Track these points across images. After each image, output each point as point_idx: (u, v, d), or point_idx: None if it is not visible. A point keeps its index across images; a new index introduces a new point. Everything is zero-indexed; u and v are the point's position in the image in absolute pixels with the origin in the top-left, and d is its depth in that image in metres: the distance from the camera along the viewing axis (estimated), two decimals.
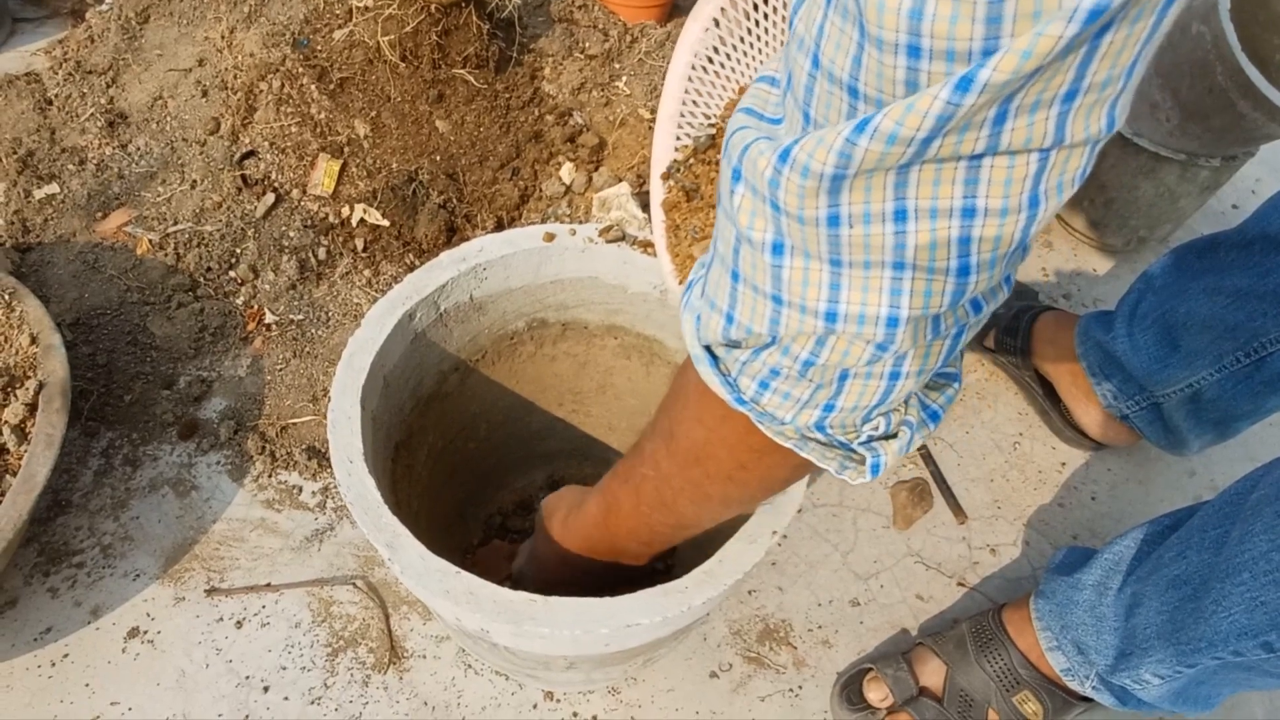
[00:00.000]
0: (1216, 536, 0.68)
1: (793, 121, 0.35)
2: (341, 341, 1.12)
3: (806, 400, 0.41)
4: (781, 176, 0.33)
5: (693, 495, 0.55)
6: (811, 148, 0.32)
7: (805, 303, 0.37)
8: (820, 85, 0.32)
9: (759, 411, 0.43)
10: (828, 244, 0.34)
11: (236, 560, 0.95)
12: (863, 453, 0.44)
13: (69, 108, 1.32)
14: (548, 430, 0.95)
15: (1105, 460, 1.11)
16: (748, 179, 0.36)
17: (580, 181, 1.29)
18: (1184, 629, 0.67)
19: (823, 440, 0.44)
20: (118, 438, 1.03)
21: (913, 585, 0.99)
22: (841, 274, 0.35)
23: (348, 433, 0.67)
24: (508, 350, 0.86)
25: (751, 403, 0.43)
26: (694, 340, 0.45)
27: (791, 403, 0.42)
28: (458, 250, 0.77)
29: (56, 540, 0.95)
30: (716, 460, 0.50)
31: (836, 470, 0.45)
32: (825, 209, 0.33)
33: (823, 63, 0.32)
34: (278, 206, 1.21)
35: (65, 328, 1.09)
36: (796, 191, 0.33)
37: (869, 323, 0.36)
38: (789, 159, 0.33)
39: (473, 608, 0.59)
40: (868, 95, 0.30)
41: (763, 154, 0.34)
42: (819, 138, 0.31)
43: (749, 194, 0.36)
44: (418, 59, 1.25)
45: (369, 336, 0.72)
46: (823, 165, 0.31)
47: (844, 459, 0.45)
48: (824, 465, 0.45)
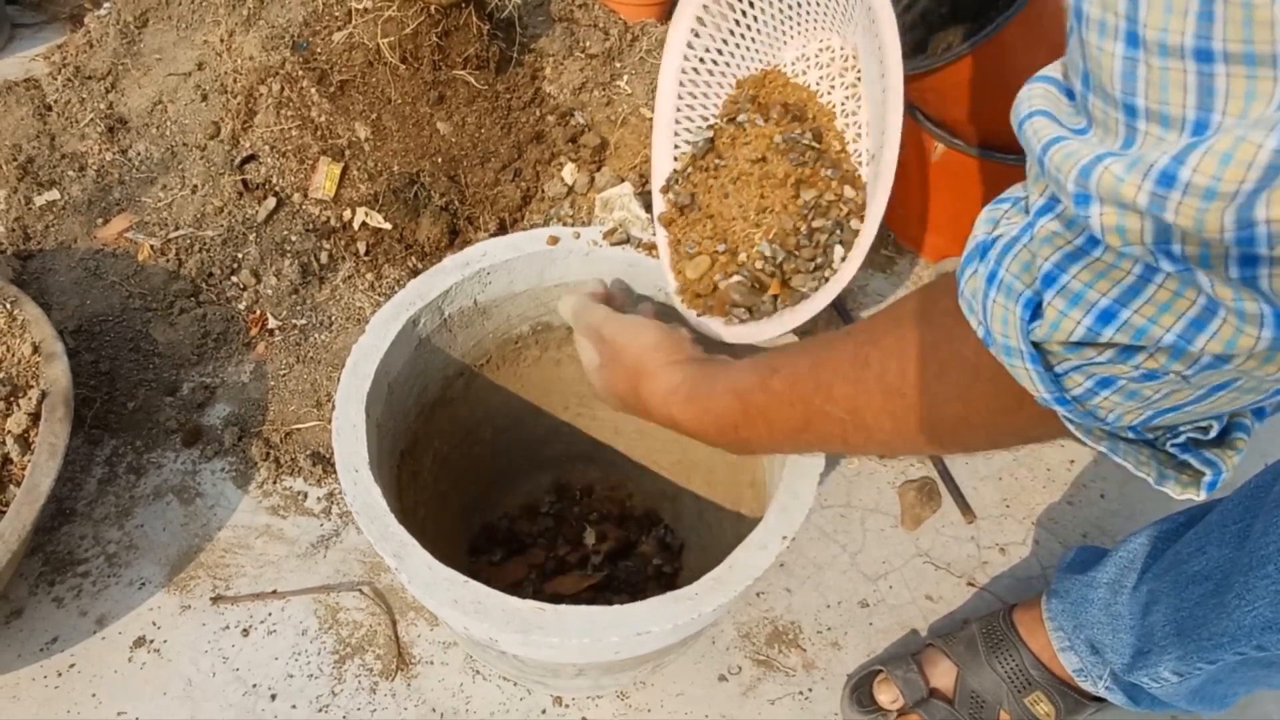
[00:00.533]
0: (1237, 531, 0.67)
1: (1109, 124, 0.29)
2: (345, 346, 1.11)
3: (1157, 399, 0.35)
4: (1168, 201, 0.27)
5: (899, 447, 0.49)
6: (1214, 167, 0.25)
7: (1243, 307, 0.29)
8: (1147, 66, 0.26)
9: (1080, 411, 0.37)
10: (1240, 256, 0.27)
11: (242, 567, 0.94)
12: (1194, 464, 0.38)
13: (68, 113, 1.32)
14: (554, 434, 0.95)
15: None
16: (1108, 201, 0.29)
17: (583, 182, 1.28)
18: (1205, 624, 0.66)
19: (1133, 439, 0.38)
20: (121, 445, 1.02)
21: (922, 585, 0.98)
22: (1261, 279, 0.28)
23: (353, 440, 0.66)
24: (512, 354, 0.85)
25: (1075, 402, 0.37)
26: (1018, 334, 0.36)
27: (1136, 401, 0.35)
28: (461, 255, 0.76)
29: (61, 549, 0.94)
30: (965, 438, 0.45)
31: (1155, 480, 0.39)
32: (1234, 229, 0.26)
33: (1146, 37, 0.26)
34: (279, 210, 1.21)
35: (67, 335, 1.09)
36: (1194, 215, 0.26)
37: None
38: (1176, 182, 0.26)
39: (481, 617, 0.58)
40: (1231, 53, 0.24)
41: (1123, 180, 0.28)
42: (1224, 152, 0.25)
43: (1111, 209, 0.29)
44: (418, 60, 1.25)
45: (373, 343, 0.71)
46: (1237, 185, 0.24)
47: (1160, 466, 0.39)
48: (1139, 473, 0.39)
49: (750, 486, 0.80)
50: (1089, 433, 0.39)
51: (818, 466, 0.67)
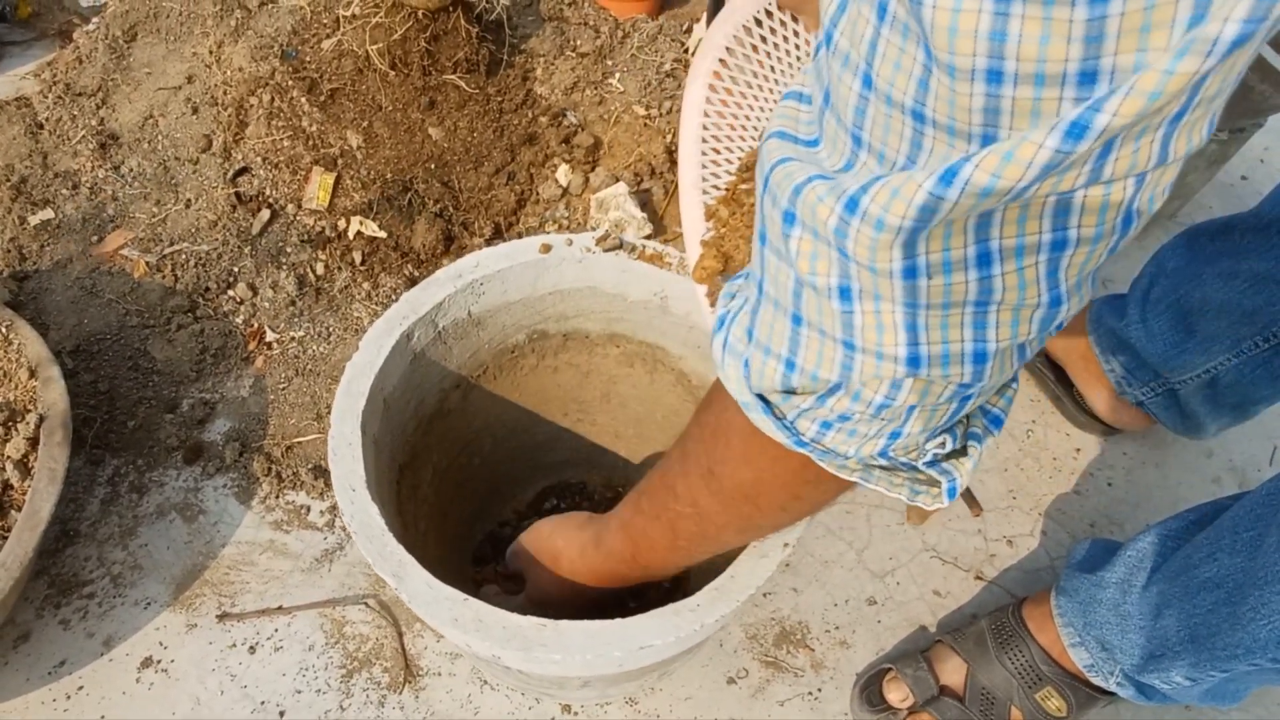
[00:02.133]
0: (1250, 539, 0.66)
1: (838, 144, 0.32)
2: (343, 357, 1.11)
3: (873, 434, 0.39)
4: (850, 228, 0.30)
5: (740, 526, 0.53)
6: (886, 200, 0.28)
7: (882, 349, 0.33)
8: (875, 108, 0.29)
9: (821, 450, 0.41)
10: (904, 293, 0.31)
11: (247, 584, 0.94)
12: (934, 475, 0.42)
13: (60, 131, 1.31)
14: (554, 441, 0.94)
15: (1121, 445, 1.09)
16: (805, 223, 0.32)
17: (577, 183, 1.27)
18: (1219, 634, 0.66)
19: (886, 465, 0.42)
20: (123, 465, 1.02)
21: (930, 581, 0.98)
22: (919, 315, 0.32)
23: (349, 459, 0.66)
24: (509, 364, 0.85)
25: (813, 443, 0.41)
26: (744, 388, 0.41)
27: (858, 438, 0.39)
28: (453, 266, 0.76)
29: (66, 571, 0.94)
30: (769, 496, 0.48)
31: (908, 497, 0.43)
32: (900, 261, 0.30)
33: (878, 84, 0.28)
34: (273, 222, 1.20)
35: (66, 355, 1.09)
36: (868, 244, 0.30)
37: (954, 362, 0.33)
38: (858, 209, 0.29)
39: (482, 635, 0.58)
40: (937, 122, 0.27)
41: (823, 200, 0.31)
42: (894, 188, 0.28)
43: (808, 237, 0.33)
44: (407, 66, 1.24)
45: (367, 360, 0.71)
46: (900, 219, 0.28)
47: (912, 483, 0.43)
48: (893, 494, 0.43)
49: None
50: (842, 467, 0.42)
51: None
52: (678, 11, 1.57)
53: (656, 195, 1.30)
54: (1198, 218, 1.37)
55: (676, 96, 1.37)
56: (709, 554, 0.60)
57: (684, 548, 0.58)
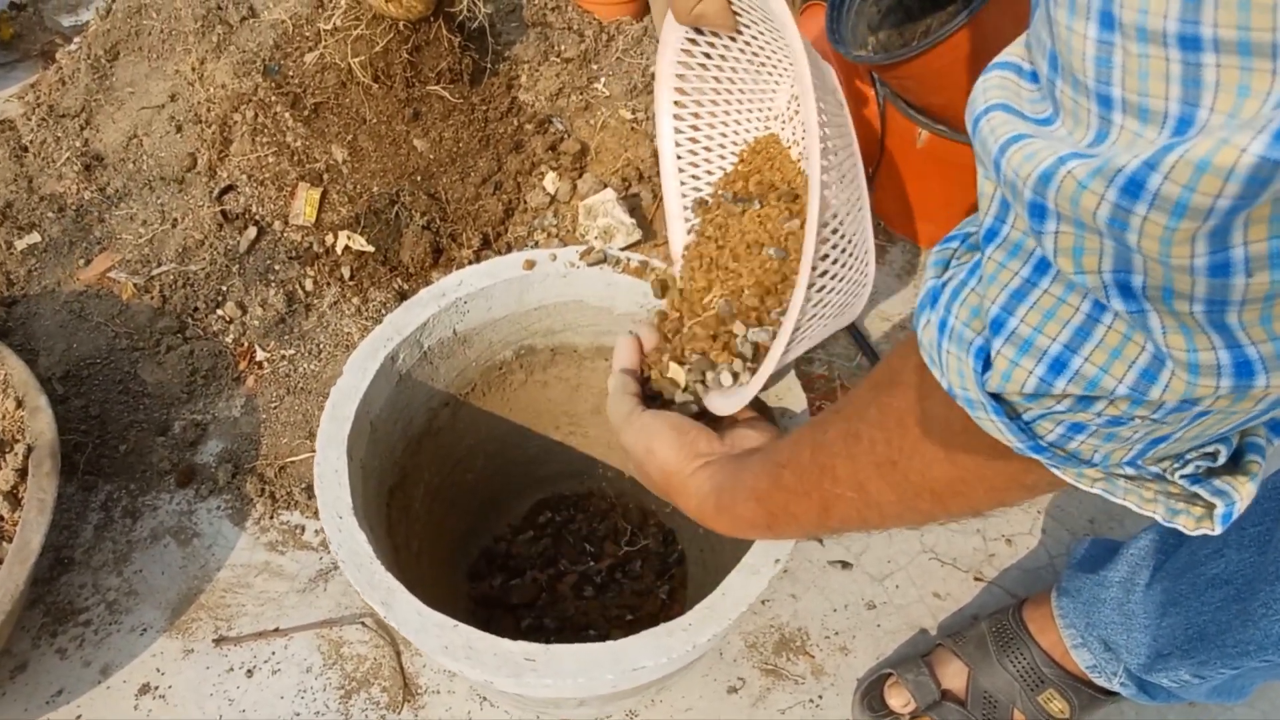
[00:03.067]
0: (1257, 534, 0.65)
1: (1079, 114, 0.26)
2: (334, 374, 1.10)
3: (1138, 438, 0.32)
4: (1134, 217, 0.23)
5: (912, 519, 0.48)
6: (1189, 175, 0.21)
7: (1197, 358, 0.27)
8: (1124, 51, 0.23)
9: (1061, 456, 0.35)
10: (1207, 289, 0.24)
11: (243, 606, 0.94)
12: (1201, 494, 0.34)
13: (45, 154, 1.31)
14: (546, 454, 0.94)
15: None
16: (1067, 216, 0.26)
17: (565, 190, 1.27)
18: (1229, 631, 0.65)
19: (1132, 474, 0.35)
20: (116, 490, 1.02)
21: (929, 583, 0.97)
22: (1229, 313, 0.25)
23: (335, 486, 0.65)
24: (498, 380, 0.84)
25: (1053, 448, 0.35)
26: (973, 385, 0.34)
27: (1116, 444, 0.33)
28: (436, 286, 0.75)
29: (61, 600, 0.94)
30: (966, 498, 0.43)
31: (1164, 517, 0.36)
32: (1206, 256, 0.23)
33: (1123, 19, 0.22)
34: (260, 240, 1.20)
35: (56, 381, 1.08)
36: (1160, 235, 0.23)
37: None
38: (1144, 193, 0.23)
39: (472, 662, 0.57)
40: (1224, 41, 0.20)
41: (1086, 187, 0.24)
42: (1198, 159, 0.21)
43: (1069, 229, 0.27)
44: (390, 78, 1.23)
45: (352, 384, 0.70)
46: (1213, 199, 0.21)
47: (1168, 499, 0.36)
48: (1145, 511, 0.36)
49: None
50: (1080, 476, 0.36)
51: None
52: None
53: (645, 200, 1.29)
54: None
55: None
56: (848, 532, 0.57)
57: (834, 526, 0.53)
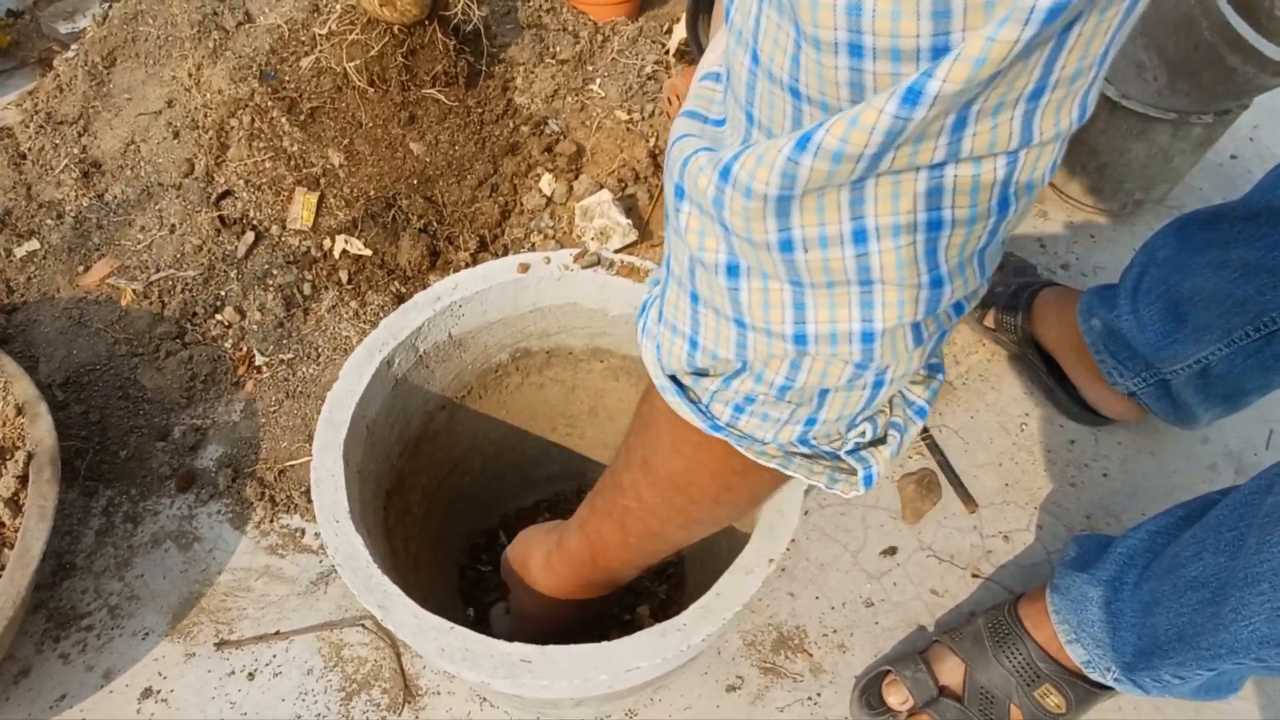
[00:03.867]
0: (1232, 539, 0.66)
1: (735, 123, 0.32)
2: (333, 378, 1.11)
3: (787, 419, 0.39)
4: (725, 196, 0.30)
5: (681, 521, 0.53)
6: (752, 166, 0.29)
7: (770, 326, 0.34)
8: (761, 84, 0.29)
9: (737, 435, 0.41)
10: (784, 267, 0.31)
11: (244, 610, 0.94)
12: (852, 464, 0.42)
13: (43, 160, 1.31)
14: (543, 456, 0.94)
15: (1115, 435, 1.09)
16: (691, 196, 0.33)
17: (561, 191, 1.27)
18: (1203, 634, 0.66)
19: (807, 453, 0.42)
20: (117, 495, 1.02)
21: (926, 580, 0.97)
22: (805, 294, 0.32)
23: (332, 491, 0.66)
24: (494, 383, 0.85)
25: (728, 428, 0.41)
26: (657, 369, 0.42)
27: (771, 423, 0.40)
28: (431, 290, 0.75)
29: (64, 604, 0.95)
30: (699, 486, 0.48)
31: (826, 485, 0.43)
32: (776, 233, 0.30)
33: (762, 60, 0.29)
34: (258, 244, 1.20)
35: (56, 387, 1.09)
36: (741, 213, 0.30)
37: (843, 341, 0.33)
38: (730, 177, 0.30)
39: (469, 664, 0.58)
40: (810, 98, 0.27)
41: (703, 170, 0.31)
42: (759, 155, 0.28)
43: (695, 212, 0.33)
44: (386, 82, 1.24)
45: (347, 389, 0.71)
46: (765, 186, 0.28)
47: (832, 471, 0.43)
48: (812, 481, 0.43)
49: None
50: (761, 454, 0.42)
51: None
52: (657, 13, 1.56)
53: (641, 200, 1.29)
54: (1187, 200, 1.36)
55: (658, 99, 1.36)
56: (662, 552, 0.60)
57: (635, 545, 0.58)
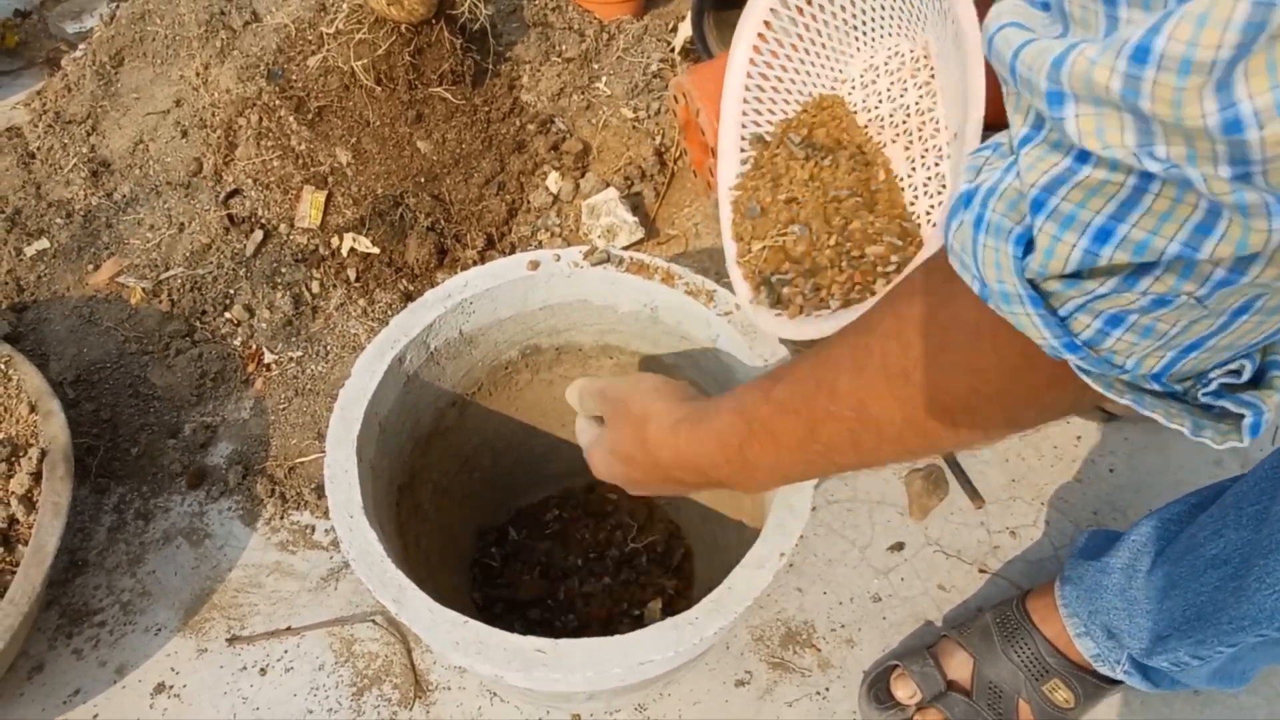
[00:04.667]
0: (1255, 513, 0.66)
1: (1088, 20, 0.27)
2: (342, 375, 1.12)
3: (1173, 336, 0.32)
4: (1144, 83, 0.24)
5: (910, 445, 0.45)
6: (1191, 32, 0.22)
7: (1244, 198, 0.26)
8: None
9: (1095, 358, 0.34)
10: (1227, 148, 0.25)
11: (255, 606, 0.95)
12: (1228, 407, 0.34)
13: (52, 160, 1.32)
14: (553, 452, 0.95)
15: (1122, 430, 1.09)
16: (1082, 96, 0.27)
17: (568, 189, 1.27)
18: (1226, 608, 0.66)
19: (1159, 390, 0.35)
20: (128, 492, 1.03)
21: (934, 575, 0.98)
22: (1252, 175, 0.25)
23: (346, 486, 0.66)
24: (504, 379, 0.85)
25: (1087, 347, 0.33)
26: (1011, 273, 0.33)
27: (1152, 340, 0.32)
28: (442, 287, 0.76)
29: (76, 601, 0.95)
30: (982, 413, 0.41)
31: (1191, 431, 0.35)
32: (1217, 113, 0.24)
33: None
34: (267, 243, 1.21)
35: (67, 385, 1.09)
36: (1171, 98, 0.24)
37: None
38: (1150, 57, 0.24)
39: (483, 657, 0.58)
40: None
41: (1096, 63, 0.25)
42: (1198, 15, 0.22)
43: (1088, 110, 0.27)
44: (393, 81, 1.24)
45: (360, 386, 0.71)
46: (1215, 50, 0.22)
47: (1195, 417, 0.35)
48: (1171, 425, 0.35)
49: (750, 496, 0.80)
50: (1109, 385, 0.35)
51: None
52: (662, 11, 1.56)
53: (648, 198, 1.30)
54: None
55: (664, 97, 1.36)
56: (834, 468, 0.52)
57: (816, 453, 0.49)
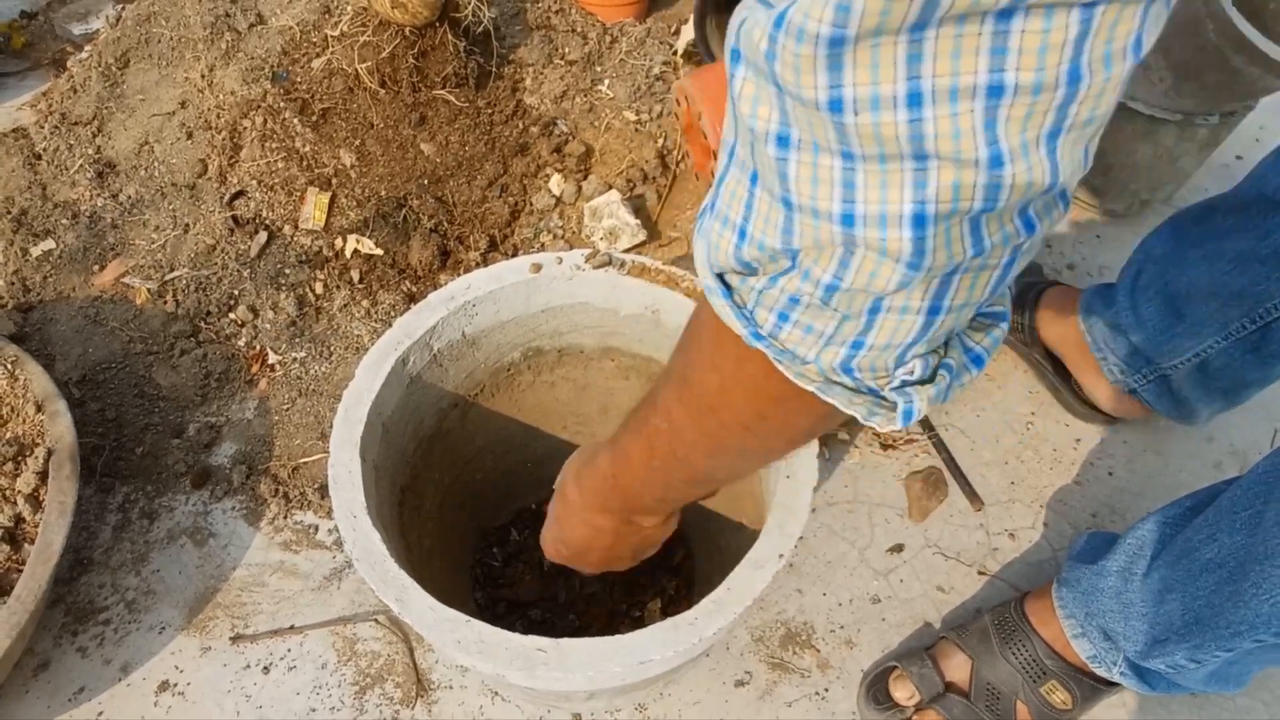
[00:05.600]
0: (1249, 518, 0.66)
1: None
2: (345, 376, 1.12)
3: (831, 334, 0.38)
4: (777, 45, 0.29)
5: (707, 447, 0.51)
6: (808, 5, 0.28)
7: (817, 205, 0.33)
8: None
9: (778, 348, 0.40)
10: (835, 132, 0.30)
11: (259, 605, 0.96)
12: (894, 398, 0.40)
13: (58, 161, 1.33)
14: (554, 453, 0.95)
15: (1120, 433, 1.09)
16: (747, 56, 0.32)
17: (570, 192, 1.28)
18: (1222, 613, 0.66)
19: (850, 385, 0.41)
20: (133, 491, 1.04)
21: (933, 577, 0.98)
22: (855, 169, 0.31)
23: (349, 487, 0.67)
24: (506, 381, 0.86)
25: (770, 338, 0.40)
26: (705, 268, 0.40)
27: (815, 337, 0.38)
28: (445, 290, 0.77)
29: (81, 599, 0.96)
30: (733, 408, 0.46)
31: (864, 416, 0.41)
32: (826, 89, 0.29)
33: None
34: (271, 244, 1.22)
35: (73, 385, 1.10)
36: (793, 63, 0.29)
37: (892, 224, 0.32)
38: (784, 23, 0.29)
39: (485, 657, 0.59)
40: None
41: (759, 24, 0.30)
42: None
43: (750, 75, 0.32)
44: (397, 84, 1.25)
45: (364, 386, 0.72)
46: (819, 24, 0.27)
47: (872, 404, 0.41)
48: (849, 410, 0.41)
49: (750, 498, 0.80)
50: (800, 375, 0.41)
51: (812, 480, 0.67)
52: (665, 14, 1.57)
53: (650, 201, 1.30)
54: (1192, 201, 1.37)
55: (666, 100, 1.37)
56: (683, 482, 0.58)
57: (658, 468, 0.56)
